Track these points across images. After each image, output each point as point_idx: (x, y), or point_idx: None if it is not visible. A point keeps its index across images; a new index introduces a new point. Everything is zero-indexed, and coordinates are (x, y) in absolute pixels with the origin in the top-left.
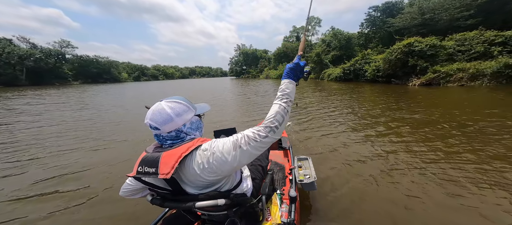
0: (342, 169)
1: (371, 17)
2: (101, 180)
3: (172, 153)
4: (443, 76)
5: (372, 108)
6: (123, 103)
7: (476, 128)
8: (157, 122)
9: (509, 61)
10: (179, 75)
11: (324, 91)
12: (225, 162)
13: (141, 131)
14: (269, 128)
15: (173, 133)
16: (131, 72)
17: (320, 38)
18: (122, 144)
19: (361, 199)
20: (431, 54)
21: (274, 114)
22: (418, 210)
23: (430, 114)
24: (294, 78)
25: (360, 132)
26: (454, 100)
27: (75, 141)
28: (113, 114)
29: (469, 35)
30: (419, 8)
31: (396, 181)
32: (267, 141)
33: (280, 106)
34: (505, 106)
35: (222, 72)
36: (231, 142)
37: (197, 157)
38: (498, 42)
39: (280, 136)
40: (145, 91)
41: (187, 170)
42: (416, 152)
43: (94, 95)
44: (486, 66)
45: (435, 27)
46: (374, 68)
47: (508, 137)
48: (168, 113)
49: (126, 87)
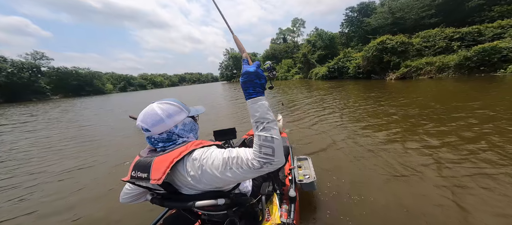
0: (342, 169)
1: (349, 18)
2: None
3: (163, 159)
4: (414, 70)
5: (361, 105)
6: (99, 119)
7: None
8: (147, 123)
9: (467, 54)
10: (168, 83)
11: (314, 90)
12: (214, 177)
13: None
14: (263, 162)
15: (165, 135)
16: (116, 83)
17: (306, 39)
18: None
19: (362, 199)
20: (402, 50)
21: (259, 149)
22: (419, 210)
23: (414, 106)
24: (255, 91)
25: (357, 131)
26: (428, 92)
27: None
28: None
29: (432, 32)
30: (389, 8)
31: (396, 181)
32: (264, 170)
33: (260, 137)
34: (471, 96)
35: (212, 77)
36: (221, 160)
37: (188, 165)
38: (457, 38)
39: (281, 163)
40: (130, 102)
41: (179, 176)
42: (414, 149)
43: (67, 110)
44: (449, 59)
45: (404, 26)
46: (355, 65)
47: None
48: (159, 114)
49: (109, 99)
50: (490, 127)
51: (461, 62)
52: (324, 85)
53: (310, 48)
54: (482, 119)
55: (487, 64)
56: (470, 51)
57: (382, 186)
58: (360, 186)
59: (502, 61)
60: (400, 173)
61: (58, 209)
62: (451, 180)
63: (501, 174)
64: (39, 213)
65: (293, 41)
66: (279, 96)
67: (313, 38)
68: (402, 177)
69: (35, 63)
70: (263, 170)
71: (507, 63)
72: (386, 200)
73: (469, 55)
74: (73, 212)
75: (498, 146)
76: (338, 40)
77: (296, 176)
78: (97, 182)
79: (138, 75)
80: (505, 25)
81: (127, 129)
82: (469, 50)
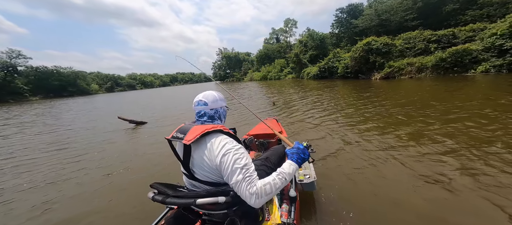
0: (342, 169)
1: (338, 19)
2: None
3: (199, 127)
4: (397, 70)
5: (355, 105)
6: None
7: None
8: (208, 99)
9: (442, 55)
10: (159, 83)
11: (308, 90)
12: (224, 167)
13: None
14: (257, 194)
15: (213, 111)
16: (102, 83)
17: (298, 39)
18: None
19: (362, 199)
20: (386, 51)
21: (264, 184)
22: (419, 209)
23: (403, 105)
24: (297, 160)
25: (357, 131)
26: (410, 90)
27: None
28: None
29: (412, 34)
30: (375, 10)
31: (396, 180)
32: (247, 195)
33: (275, 180)
34: (446, 95)
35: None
36: (240, 164)
37: (208, 148)
38: (434, 40)
39: (259, 205)
40: (114, 103)
41: (201, 148)
42: (412, 147)
43: (39, 113)
44: (427, 60)
45: (389, 27)
46: (343, 65)
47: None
48: (215, 95)
49: (94, 100)
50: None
51: (438, 63)
52: (316, 84)
53: (302, 48)
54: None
55: (460, 65)
56: (445, 52)
57: (384, 187)
58: (361, 186)
59: (472, 62)
60: (402, 180)
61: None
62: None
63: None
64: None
65: (286, 41)
66: (273, 96)
67: (305, 38)
68: (404, 182)
69: (10, 62)
70: (250, 197)
71: (477, 64)
72: (387, 200)
73: (444, 57)
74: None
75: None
76: (329, 41)
77: (296, 176)
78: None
79: (126, 75)
80: (476, 28)
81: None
82: (444, 52)
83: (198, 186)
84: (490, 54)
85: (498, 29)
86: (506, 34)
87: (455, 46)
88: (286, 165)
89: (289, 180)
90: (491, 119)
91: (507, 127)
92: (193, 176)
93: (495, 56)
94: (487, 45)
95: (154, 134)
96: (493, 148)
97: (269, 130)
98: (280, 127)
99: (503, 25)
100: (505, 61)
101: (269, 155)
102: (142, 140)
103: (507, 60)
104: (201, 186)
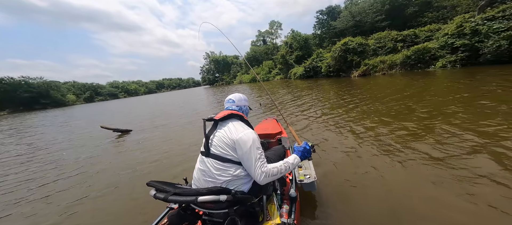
0: (342, 169)
1: (319, 20)
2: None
3: (227, 111)
4: (371, 67)
5: (343, 102)
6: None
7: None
8: (236, 98)
9: (407, 53)
10: (144, 90)
11: (297, 91)
12: (240, 145)
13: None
14: (266, 173)
15: (238, 108)
16: (79, 93)
17: (283, 41)
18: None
19: (362, 199)
20: (361, 50)
21: (273, 167)
22: (420, 208)
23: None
24: (301, 156)
25: (356, 131)
26: (385, 86)
27: None
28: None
29: (382, 34)
30: (350, 12)
31: (397, 181)
32: (259, 173)
33: (281, 166)
34: (411, 86)
35: (194, 82)
36: (256, 149)
37: (230, 125)
38: (400, 40)
39: (264, 183)
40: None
41: (223, 125)
42: (411, 144)
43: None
44: (396, 58)
45: (363, 28)
46: (326, 64)
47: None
48: (241, 96)
49: (72, 111)
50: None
51: (404, 60)
52: (303, 84)
53: (288, 50)
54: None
55: (422, 61)
56: (409, 51)
57: (384, 187)
58: (362, 186)
59: (432, 59)
60: (403, 179)
61: None
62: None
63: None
64: None
65: (272, 43)
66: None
67: (290, 40)
68: (405, 182)
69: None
70: (260, 174)
71: (436, 60)
72: (387, 199)
73: (409, 54)
74: None
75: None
76: (312, 41)
77: (296, 176)
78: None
79: (107, 83)
80: (433, 29)
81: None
82: (409, 50)
83: (207, 164)
84: (445, 51)
85: (448, 29)
86: (455, 34)
87: (417, 45)
88: (291, 158)
89: (292, 169)
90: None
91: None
92: (208, 152)
93: (449, 53)
94: (442, 44)
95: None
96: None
97: (270, 130)
98: (280, 127)
99: (452, 26)
100: (457, 57)
101: (269, 155)
102: (129, 150)
103: (459, 56)
104: (210, 163)
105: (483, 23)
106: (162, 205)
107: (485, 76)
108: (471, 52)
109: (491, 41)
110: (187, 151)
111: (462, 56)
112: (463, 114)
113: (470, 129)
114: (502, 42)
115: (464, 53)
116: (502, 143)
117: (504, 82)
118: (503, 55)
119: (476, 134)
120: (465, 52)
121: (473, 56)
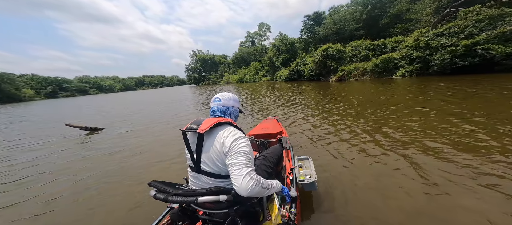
0: (343, 169)
1: (306, 25)
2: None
3: (211, 119)
4: (347, 73)
5: (340, 105)
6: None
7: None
8: (223, 97)
9: (376, 61)
10: (121, 87)
11: (280, 91)
12: (232, 153)
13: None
14: (256, 181)
15: (224, 108)
16: (40, 87)
17: (271, 43)
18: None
19: (363, 198)
20: (339, 57)
21: (264, 179)
22: (421, 208)
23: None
24: (283, 191)
25: (355, 131)
26: (362, 90)
27: None
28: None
29: (358, 43)
30: (332, 20)
31: (397, 179)
32: (247, 179)
33: (270, 182)
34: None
35: (178, 80)
36: (246, 152)
37: (219, 136)
38: (372, 48)
39: (248, 193)
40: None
41: (211, 138)
42: (410, 143)
43: None
44: (367, 65)
45: (343, 36)
46: (308, 68)
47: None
48: (230, 95)
49: (28, 109)
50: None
51: (374, 68)
52: (287, 86)
53: (275, 52)
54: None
55: (387, 70)
56: (378, 59)
57: (384, 186)
58: (362, 186)
59: (395, 68)
60: (402, 179)
61: None
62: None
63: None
64: None
65: (260, 45)
66: (245, 100)
67: (278, 42)
68: (405, 182)
69: None
70: (244, 182)
71: (397, 69)
72: (388, 199)
73: (377, 62)
74: None
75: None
76: (299, 45)
77: (297, 176)
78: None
79: (75, 78)
80: (398, 40)
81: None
82: (377, 59)
83: (201, 180)
84: (404, 61)
85: (408, 42)
86: (413, 46)
87: (384, 54)
88: (277, 184)
89: (273, 192)
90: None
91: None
92: (198, 169)
93: (408, 63)
94: (403, 55)
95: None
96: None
97: (269, 130)
98: (280, 127)
99: (410, 39)
100: (414, 68)
101: (268, 154)
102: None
103: (415, 67)
104: (203, 180)
105: (434, 38)
106: (162, 206)
107: (429, 85)
108: (423, 64)
109: (438, 55)
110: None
111: (417, 67)
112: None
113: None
114: (445, 56)
115: (418, 64)
116: (422, 139)
117: (447, 91)
118: (446, 67)
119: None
120: (420, 64)
121: (424, 67)
